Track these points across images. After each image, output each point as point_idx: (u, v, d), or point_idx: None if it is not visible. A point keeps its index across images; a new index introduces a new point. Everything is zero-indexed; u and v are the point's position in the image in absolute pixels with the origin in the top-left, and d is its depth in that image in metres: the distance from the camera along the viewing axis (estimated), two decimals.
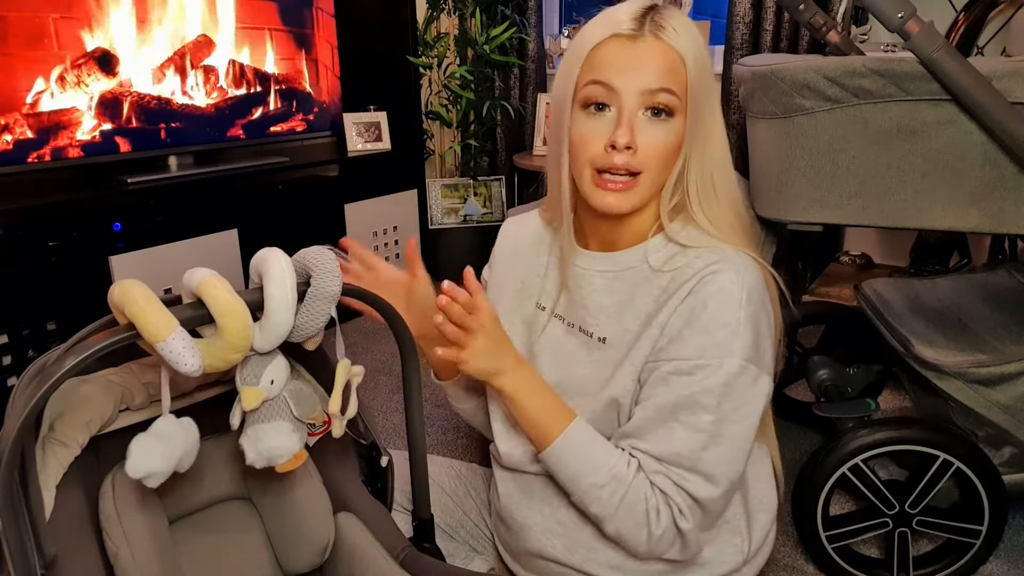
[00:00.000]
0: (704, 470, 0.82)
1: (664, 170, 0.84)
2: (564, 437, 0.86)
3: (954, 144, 1.17)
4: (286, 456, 0.77)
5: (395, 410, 1.95)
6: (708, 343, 0.81)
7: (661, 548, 0.86)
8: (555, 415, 0.88)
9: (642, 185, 0.83)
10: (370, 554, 0.85)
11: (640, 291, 0.88)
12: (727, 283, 0.81)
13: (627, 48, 0.80)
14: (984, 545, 1.28)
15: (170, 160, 2.23)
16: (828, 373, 1.65)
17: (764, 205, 1.41)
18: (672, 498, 0.83)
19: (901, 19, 1.09)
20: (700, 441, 0.81)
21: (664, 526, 0.83)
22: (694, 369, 0.81)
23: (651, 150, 0.82)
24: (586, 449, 0.86)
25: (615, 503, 0.84)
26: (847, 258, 2.61)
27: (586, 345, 0.92)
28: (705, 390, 0.80)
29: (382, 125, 2.74)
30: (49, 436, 0.73)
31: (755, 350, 0.82)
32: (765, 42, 2.49)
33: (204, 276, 0.67)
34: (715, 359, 0.80)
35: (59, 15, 1.91)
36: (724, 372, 0.80)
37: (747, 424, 0.84)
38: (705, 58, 0.83)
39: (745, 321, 0.81)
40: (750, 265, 0.84)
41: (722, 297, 0.81)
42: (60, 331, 1.85)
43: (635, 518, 0.84)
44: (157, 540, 0.77)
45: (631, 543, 0.86)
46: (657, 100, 0.80)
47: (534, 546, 0.98)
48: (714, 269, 0.82)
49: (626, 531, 0.85)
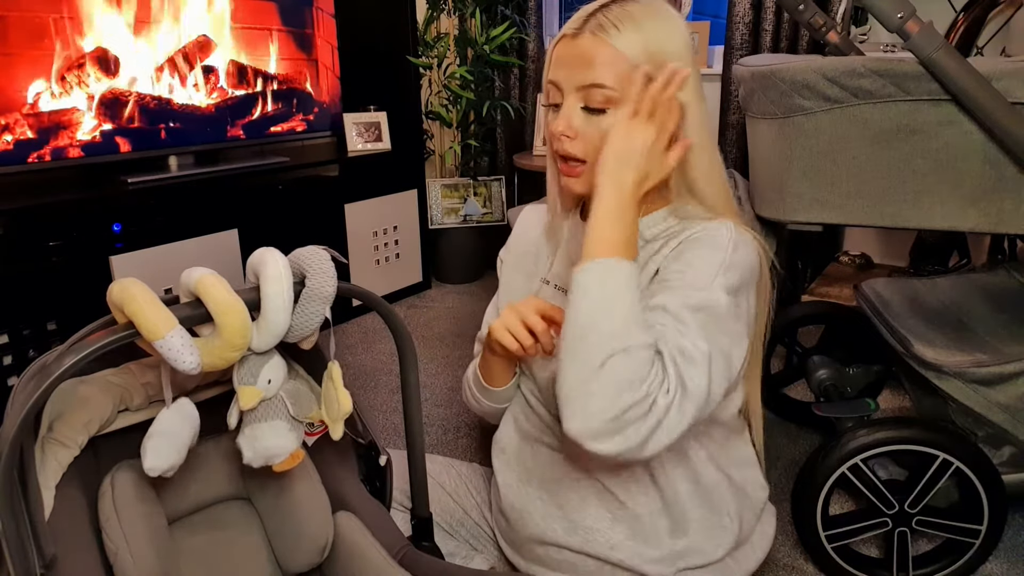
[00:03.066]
0: (694, 358, 0.77)
1: None
2: (631, 266, 0.80)
3: (954, 144, 1.17)
4: (283, 455, 0.77)
5: (395, 410, 1.95)
6: (692, 269, 0.83)
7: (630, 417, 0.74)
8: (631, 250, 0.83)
9: (590, 172, 0.87)
10: (369, 553, 0.85)
11: None
12: (717, 234, 0.86)
13: (568, 47, 0.87)
14: (983, 545, 1.28)
15: (170, 160, 2.23)
16: (828, 373, 1.66)
17: (764, 205, 1.41)
18: (667, 369, 0.76)
19: (901, 19, 1.09)
20: (689, 334, 0.78)
21: (650, 388, 0.74)
22: (677, 285, 0.82)
23: (594, 141, 0.87)
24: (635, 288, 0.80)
25: (641, 343, 0.76)
26: (847, 258, 2.61)
27: None
28: (690, 300, 0.81)
29: (382, 125, 2.74)
30: (48, 436, 0.74)
31: (737, 293, 0.83)
32: (765, 42, 2.49)
33: (202, 275, 0.67)
34: (700, 282, 0.82)
35: (59, 15, 1.91)
36: (707, 295, 0.81)
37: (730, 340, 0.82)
38: (665, 49, 0.85)
39: (730, 262, 0.83)
40: (745, 233, 0.88)
41: (711, 241, 0.85)
42: (60, 331, 1.85)
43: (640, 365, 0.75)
44: (156, 540, 0.77)
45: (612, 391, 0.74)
46: (589, 95, 0.86)
47: (534, 531, 1.00)
48: (709, 227, 0.87)
49: (619, 374, 0.74)
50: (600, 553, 0.95)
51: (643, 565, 0.94)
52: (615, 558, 0.95)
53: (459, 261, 3.00)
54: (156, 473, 0.71)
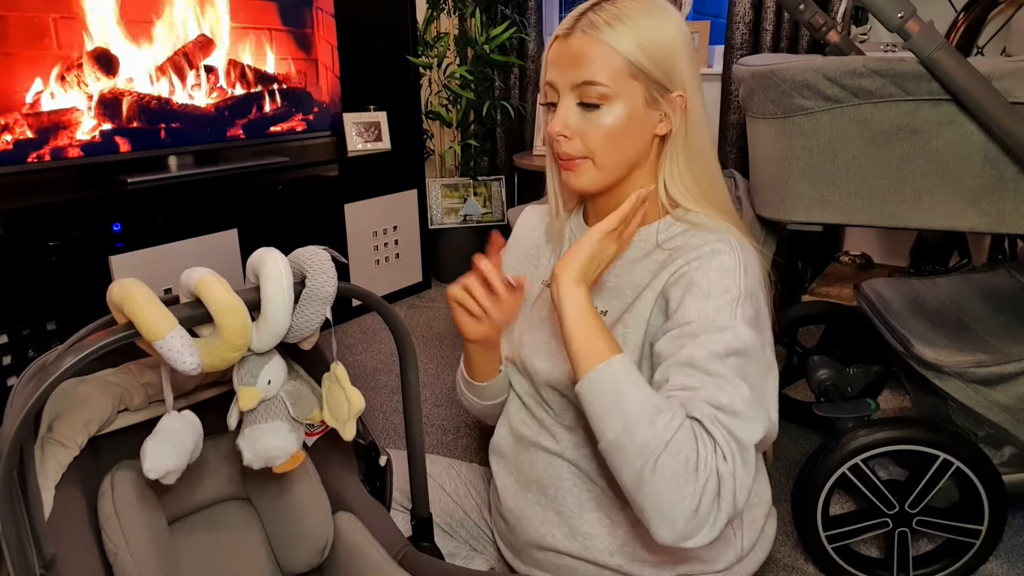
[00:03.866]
0: (738, 409, 0.76)
1: (616, 152, 0.89)
2: (623, 360, 0.80)
3: (954, 144, 1.17)
4: (284, 456, 0.77)
5: (395, 410, 1.95)
6: (710, 307, 0.82)
7: (703, 506, 0.73)
8: (612, 345, 0.82)
9: (593, 165, 0.90)
10: (369, 553, 0.85)
11: (639, 266, 0.93)
12: (725, 257, 0.85)
13: (561, 47, 0.88)
14: (984, 545, 1.28)
15: (170, 160, 2.23)
16: (828, 373, 1.65)
17: (764, 205, 1.41)
18: (712, 433, 0.75)
19: (901, 19, 1.09)
20: (727, 386, 0.77)
21: (708, 464, 0.73)
22: (700, 331, 0.81)
23: (591, 137, 0.88)
24: (642, 379, 0.80)
25: (672, 430, 0.74)
26: (847, 258, 2.61)
27: None
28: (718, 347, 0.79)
29: (382, 125, 2.74)
30: (48, 436, 0.73)
31: (758, 321, 0.84)
32: (765, 42, 2.49)
33: (202, 275, 0.67)
34: (722, 321, 0.81)
35: (59, 15, 1.91)
36: (733, 335, 0.80)
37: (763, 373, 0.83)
38: (660, 44, 0.86)
39: (745, 292, 0.83)
40: (747, 247, 0.88)
41: (721, 268, 0.84)
42: (60, 331, 1.85)
43: (687, 454, 0.73)
44: (156, 540, 0.77)
45: (675, 487, 0.73)
46: (584, 92, 0.86)
47: (533, 536, 0.99)
48: (713, 247, 0.86)
49: (673, 470, 0.73)
50: (599, 559, 0.95)
51: (642, 570, 0.94)
52: (614, 563, 0.94)
53: (459, 261, 3.00)
54: (155, 475, 0.70)
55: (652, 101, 0.87)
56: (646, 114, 0.88)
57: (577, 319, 0.82)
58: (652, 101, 0.87)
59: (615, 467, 0.78)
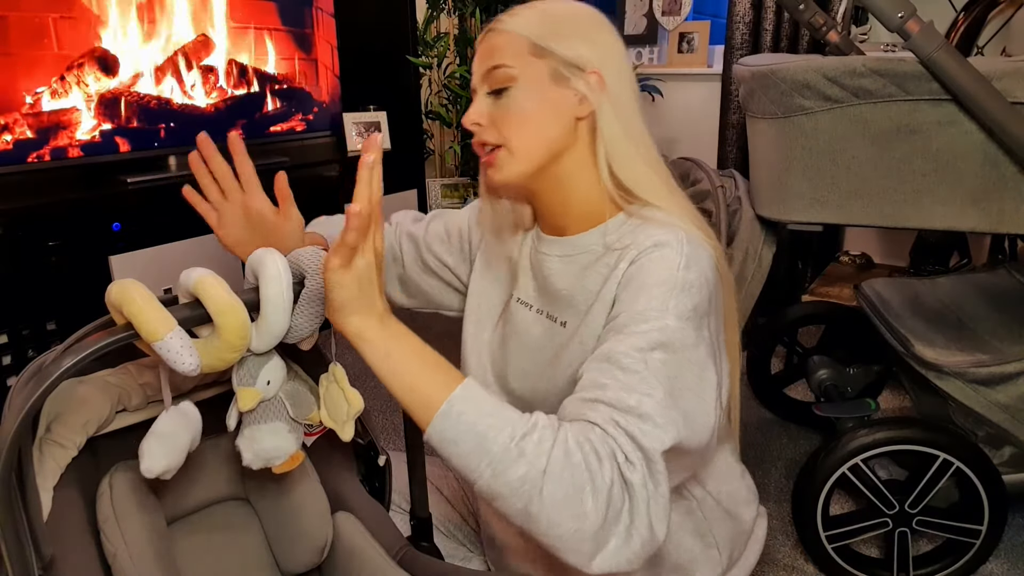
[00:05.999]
0: (646, 412, 0.69)
1: (531, 135, 0.84)
2: (465, 389, 0.68)
3: (954, 144, 1.17)
4: (283, 457, 0.77)
5: (395, 410, 1.95)
6: (642, 298, 0.76)
7: (611, 515, 0.65)
8: (446, 370, 0.71)
9: (509, 154, 0.85)
10: (368, 553, 0.85)
11: (591, 271, 0.86)
12: (668, 250, 0.79)
13: (477, 51, 0.88)
14: (984, 545, 1.28)
15: (170, 160, 2.22)
16: (828, 373, 1.66)
17: (764, 205, 1.41)
18: (615, 438, 0.67)
19: (901, 19, 1.09)
20: (640, 385, 0.70)
21: (609, 475, 0.65)
22: (627, 323, 0.75)
23: (503, 122, 0.85)
24: (493, 402, 0.69)
25: (545, 453, 0.65)
26: (847, 258, 2.61)
27: (550, 331, 0.91)
28: (640, 341, 0.73)
29: (382, 125, 2.74)
30: (46, 437, 0.73)
31: (695, 317, 0.76)
32: (765, 42, 2.49)
33: (201, 275, 0.67)
34: (650, 313, 0.75)
35: (59, 15, 1.91)
36: (660, 326, 0.74)
37: (696, 372, 0.75)
38: (563, 22, 0.84)
39: (682, 284, 0.76)
40: (698, 242, 0.81)
41: (660, 261, 0.78)
42: (60, 331, 1.85)
43: (574, 471, 0.64)
44: (155, 541, 0.77)
45: (571, 512, 0.64)
46: (491, 79, 0.85)
47: (514, 561, 0.98)
48: (657, 240, 0.80)
49: (563, 494, 0.64)
50: None
51: None
52: None
53: None
54: (153, 474, 0.70)
55: (561, 79, 0.83)
56: (558, 93, 0.83)
57: (388, 361, 0.69)
58: (561, 79, 0.83)
59: (499, 512, 0.67)
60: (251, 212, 0.95)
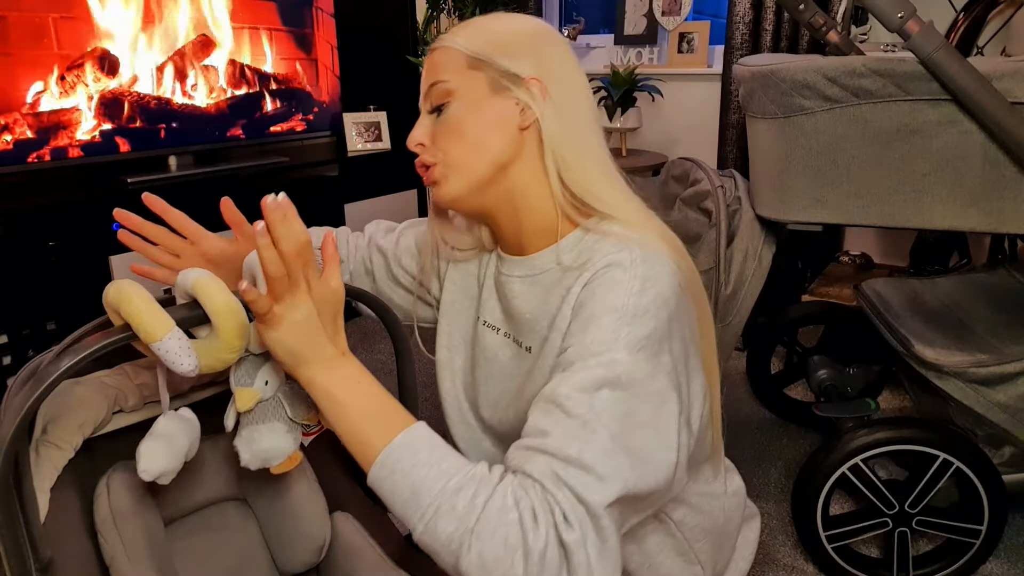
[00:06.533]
0: (588, 464, 0.64)
1: (472, 150, 0.82)
2: (405, 437, 0.67)
3: (954, 144, 1.17)
4: (281, 458, 0.76)
5: None
6: (591, 329, 0.71)
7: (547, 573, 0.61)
8: (391, 416, 0.70)
9: (447, 170, 0.84)
10: (366, 553, 0.85)
11: (552, 294, 0.81)
12: (617, 271, 0.73)
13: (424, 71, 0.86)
14: (984, 545, 1.28)
15: (170, 160, 2.23)
16: (828, 373, 1.65)
17: (764, 205, 1.41)
18: (553, 495, 0.63)
19: (901, 19, 1.09)
20: (582, 432, 0.66)
21: (545, 537, 0.61)
22: (574, 358, 0.70)
23: (443, 138, 0.84)
24: (434, 451, 0.67)
25: (476, 509, 0.63)
26: (847, 258, 2.60)
27: (518, 356, 0.87)
28: (585, 379, 0.68)
29: (382, 125, 2.74)
30: (43, 439, 0.73)
31: (649, 345, 0.70)
32: (765, 42, 2.48)
33: (198, 276, 0.67)
34: (597, 346, 0.69)
35: (59, 15, 1.91)
36: (607, 360, 0.69)
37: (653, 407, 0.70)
38: (500, 33, 0.82)
39: (634, 311, 0.70)
40: (657, 257, 0.74)
41: (611, 285, 0.73)
42: (60, 331, 1.85)
43: (505, 530, 0.62)
44: (153, 542, 0.77)
45: (501, 573, 0.61)
46: (432, 97, 0.84)
47: None
48: (609, 259, 0.74)
49: (492, 556, 0.61)
50: None
51: None
52: None
53: None
54: (150, 476, 0.70)
55: (500, 88, 0.80)
56: (498, 103, 0.80)
57: (335, 407, 0.70)
58: (500, 88, 0.80)
59: (437, 563, 0.65)
60: (211, 255, 0.95)
